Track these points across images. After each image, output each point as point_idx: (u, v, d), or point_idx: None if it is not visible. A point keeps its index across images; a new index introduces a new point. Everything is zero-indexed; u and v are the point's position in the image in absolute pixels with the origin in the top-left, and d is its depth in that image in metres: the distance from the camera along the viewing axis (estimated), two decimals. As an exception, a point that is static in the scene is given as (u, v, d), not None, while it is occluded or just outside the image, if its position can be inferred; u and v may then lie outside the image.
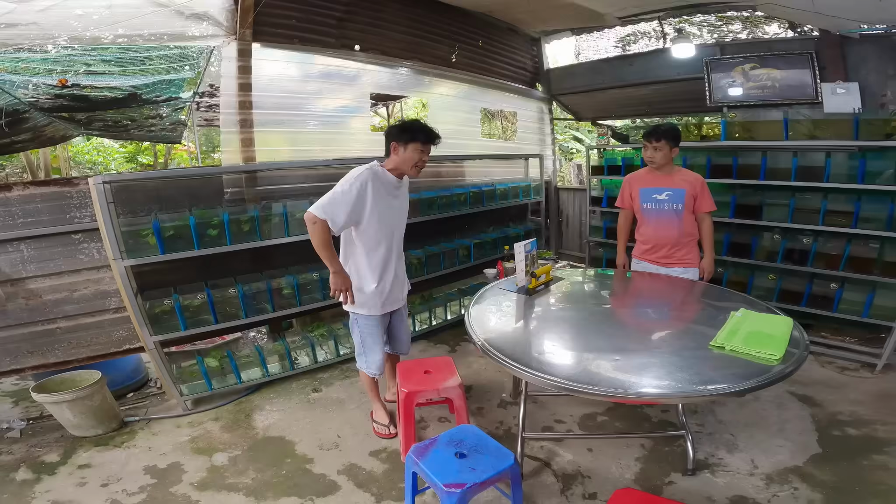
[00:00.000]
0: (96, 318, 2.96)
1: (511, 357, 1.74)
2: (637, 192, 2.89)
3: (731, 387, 1.52)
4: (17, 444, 2.64)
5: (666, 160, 2.74)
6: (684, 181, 2.75)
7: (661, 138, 2.70)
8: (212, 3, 2.75)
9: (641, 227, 2.94)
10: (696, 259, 2.84)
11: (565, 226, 5.92)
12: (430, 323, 3.89)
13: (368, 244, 2.32)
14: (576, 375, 1.60)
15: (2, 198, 2.65)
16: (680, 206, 2.74)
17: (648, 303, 2.50)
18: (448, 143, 4.59)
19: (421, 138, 2.25)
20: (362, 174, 2.20)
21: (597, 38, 5.24)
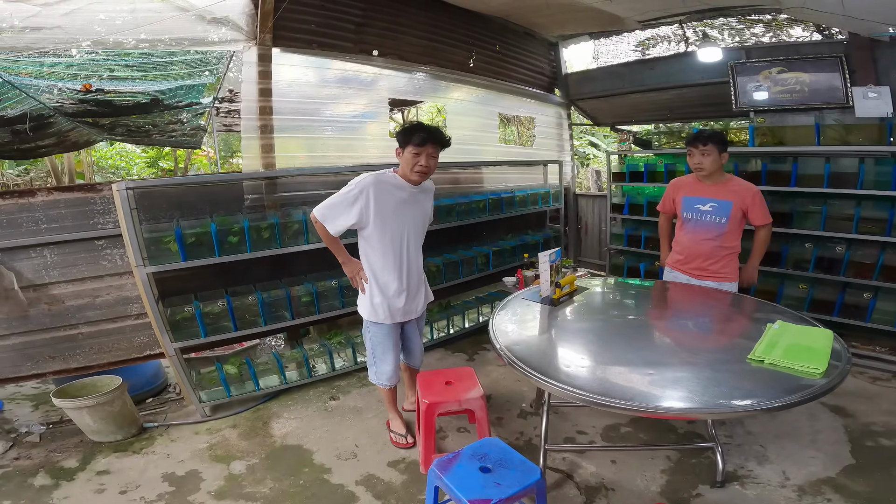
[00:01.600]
0: (118, 324, 2.97)
1: (539, 370, 1.68)
2: (680, 199, 2.73)
3: (774, 402, 1.45)
4: (36, 448, 2.65)
5: (715, 166, 2.55)
6: (733, 192, 2.55)
7: (708, 142, 2.50)
8: (232, 8, 2.77)
9: (678, 234, 2.81)
10: (733, 273, 2.66)
11: (584, 233, 5.84)
12: (448, 331, 3.84)
13: (374, 251, 2.29)
14: (608, 390, 1.54)
15: (25, 203, 2.68)
16: (724, 220, 2.56)
17: (679, 314, 2.40)
18: (465, 149, 4.63)
19: (415, 140, 2.14)
20: (364, 180, 2.18)
21: (616, 43, 5.17)
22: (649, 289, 2.74)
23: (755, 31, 4.86)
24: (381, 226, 2.23)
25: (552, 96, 5.44)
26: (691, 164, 2.63)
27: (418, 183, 2.28)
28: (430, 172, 2.27)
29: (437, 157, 2.27)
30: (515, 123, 6.74)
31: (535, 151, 5.52)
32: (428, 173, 2.25)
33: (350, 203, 2.16)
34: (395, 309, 2.37)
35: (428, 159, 2.20)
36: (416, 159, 2.17)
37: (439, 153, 2.26)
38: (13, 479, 2.36)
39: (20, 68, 3.83)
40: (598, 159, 8.63)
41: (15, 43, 2.40)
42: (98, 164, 10.28)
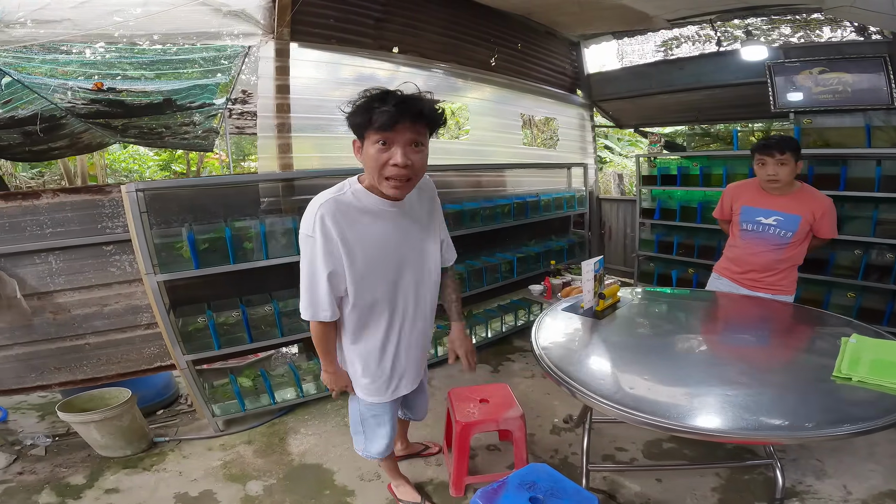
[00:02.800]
0: (127, 335, 2.82)
1: (599, 393, 1.49)
2: (739, 208, 2.46)
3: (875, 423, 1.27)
4: (41, 462, 2.50)
5: (791, 177, 2.25)
6: (804, 205, 2.26)
7: (786, 150, 2.17)
8: (249, 1, 2.62)
9: (733, 240, 2.54)
10: (791, 286, 2.42)
11: (608, 238, 5.63)
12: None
13: (354, 305, 1.52)
14: (683, 415, 1.35)
15: (30, 206, 2.53)
16: (788, 235, 2.30)
17: (740, 328, 2.17)
18: (488, 151, 4.46)
19: (378, 121, 1.26)
20: (314, 220, 1.37)
21: (641, 42, 4.97)
22: (698, 300, 2.52)
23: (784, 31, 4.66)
24: (355, 285, 1.46)
25: (574, 97, 5.27)
26: (762, 174, 2.30)
27: (398, 197, 1.44)
28: (416, 175, 1.38)
29: (426, 146, 1.37)
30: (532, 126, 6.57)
31: (558, 154, 5.34)
32: (410, 178, 1.36)
33: (320, 266, 1.40)
34: (398, 382, 1.70)
35: (406, 152, 1.31)
36: (385, 154, 1.31)
37: (428, 137, 1.37)
38: (17, 496, 2.22)
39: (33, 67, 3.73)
40: (614, 163, 8.42)
41: (22, 36, 2.27)
42: (111, 167, 10.25)
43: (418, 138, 1.33)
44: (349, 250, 1.41)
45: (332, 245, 1.39)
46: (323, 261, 1.39)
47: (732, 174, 3.85)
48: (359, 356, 1.62)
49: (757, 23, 4.20)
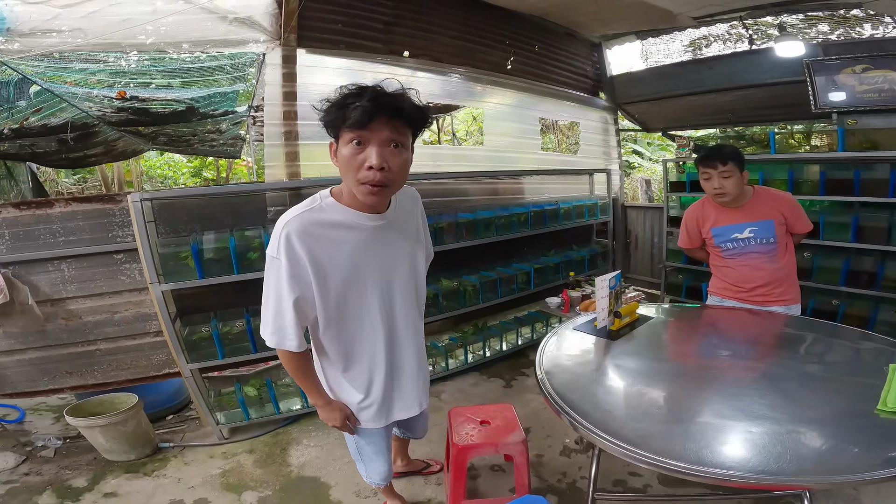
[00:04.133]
0: (136, 341, 2.84)
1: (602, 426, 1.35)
2: (708, 232, 2.33)
3: None
4: (48, 463, 2.54)
5: (738, 189, 2.15)
6: (769, 209, 2.19)
7: (728, 160, 2.11)
8: (255, 8, 2.61)
9: (721, 265, 2.39)
10: (797, 293, 2.32)
11: (634, 248, 5.40)
12: (485, 354, 3.53)
13: (339, 331, 1.40)
14: (704, 456, 1.19)
15: (43, 214, 2.58)
16: (772, 239, 2.20)
17: (770, 350, 1.95)
18: (505, 157, 4.33)
19: (352, 118, 1.13)
20: (279, 239, 1.24)
21: (667, 42, 4.74)
22: (724, 318, 2.31)
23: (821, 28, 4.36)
24: (336, 305, 1.34)
25: (597, 100, 5.08)
26: (708, 189, 2.21)
27: (374, 205, 1.29)
28: (398, 180, 1.25)
29: (409, 147, 1.24)
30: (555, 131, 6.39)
31: (579, 159, 5.16)
32: (391, 184, 1.23)
33: (284, 290, 1.26)
34: (391, 407, 1.56)
35: (383, 153, 1.17)
36: (360, 156, 1.18)
37: (410, 136, 1.24)
38: (18, 497, 2.25)
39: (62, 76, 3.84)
40: (643, 168, 8.10)
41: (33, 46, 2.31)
42: (147, 174, 10.61)
43: (397, 138, 1.18)
44: (321, 274, 1.27)
45: (298, 269, 1.25)
46: (288, 286, 1.25)
47: (770, 180, 3.60)
48: (350, 383, 1.49)
49: (791, 20, 3.93)
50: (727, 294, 2.40)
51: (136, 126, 5.48)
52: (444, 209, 3.54)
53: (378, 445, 1.64)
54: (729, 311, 2.34)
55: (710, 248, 2.42)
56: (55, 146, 5.70)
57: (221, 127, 5.82)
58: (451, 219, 3.31)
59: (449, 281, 3.42)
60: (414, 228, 1.49)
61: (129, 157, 8.09)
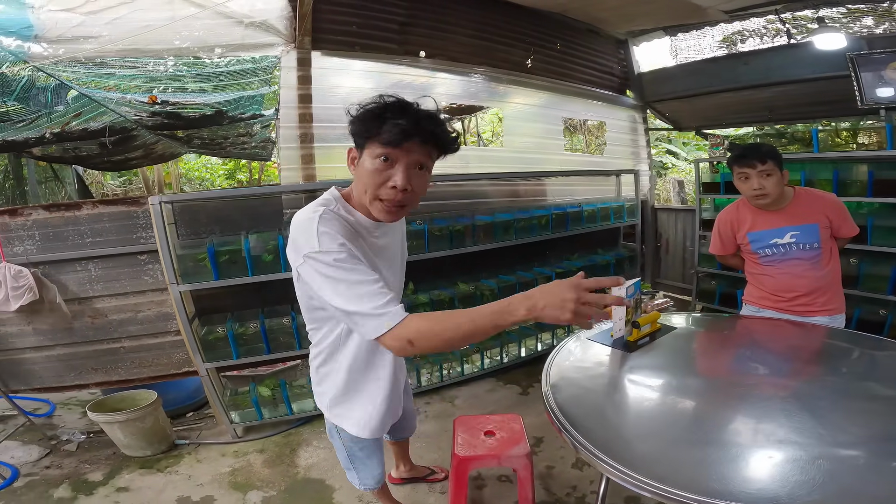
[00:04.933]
0: (158, 340, 2.92)
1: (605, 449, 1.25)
2: (744, 237, 2.17)
3: None
4: (69, 457, 2.64)
5: (779, 189, 2.01)
6: (811, 211, 2.03)
7: (767, 159, 1.96)
8: (270, 11, 2.63)
9: (760, 276, 2.22)
10: (842, 303, 2.14)
11: (665, 252, 5.19)
12: (501, 360, 3.46)
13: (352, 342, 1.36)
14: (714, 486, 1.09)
15: (72, 216, 2.68)
16: (815, 245, 2.03)
17: (805, 367, 1.77)
18: (526, 158, 4.24)
19: (386, 133, 1.11)
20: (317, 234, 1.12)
21: (697, 37, 4.52)
22: (758, 329, 2.13)
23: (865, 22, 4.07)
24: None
25: (624, 98, 4.90)
26: (746, 190, 2.04)
27: (386, 221, 1.26)
28: (415, 202, 1.24)
29: (430, 169, 1.23)
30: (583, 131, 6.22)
31: (606, 160, 5.00)
32: (408, 205, 1.22)
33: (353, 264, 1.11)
34: (388, 418, 1.52)
35: (410, 174, 1.16)
36: (385, 173, 1.15)
37: (435, 159, 1.23)
38: (35, 489, 2.34)
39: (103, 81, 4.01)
40: (678, 168, 7.79)
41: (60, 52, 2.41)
42: (186, 176, 11.00)
43: (425, 161, 1.18)
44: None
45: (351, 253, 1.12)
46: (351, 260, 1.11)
47: (813, 180, 3.38)
48: (360, 391, 1.45)
49: (832, 13, 3.68)
50: (765, 304, 2.22)
51: (170, 130, 5.67)
52: (462, 211, 3.49)
53: (370, 449, 1.61)
54: (764, 322, 2.16)
55: (746, 255, 2.25)
56: (97, 149, 5.96)
57: (252, 130, 5.96)
58: (467, 221, 3.25)
59: (466, 285, 3.37)
60: (399, 236, 1.50)
61: (168, 159, 8.40)
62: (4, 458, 2.55)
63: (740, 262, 2.35)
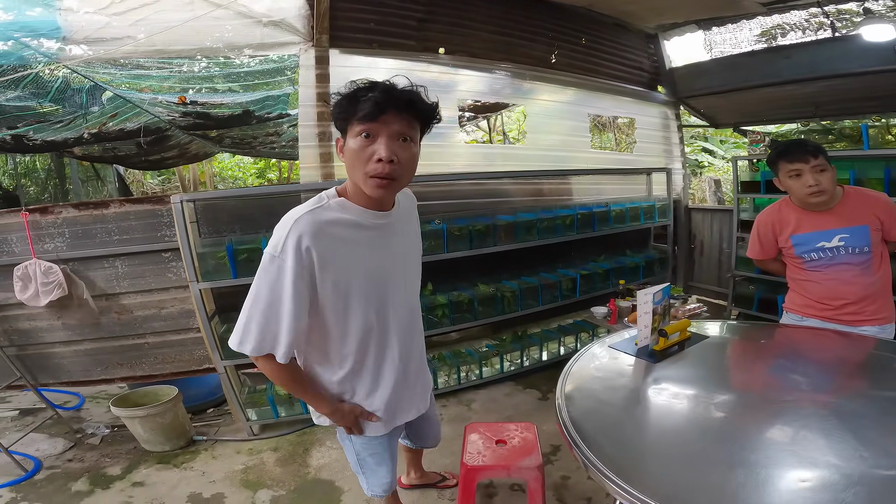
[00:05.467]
0: (181, 336, 2.97)
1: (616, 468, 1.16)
2: (787, 241, 2.02)
3: None
4: (92, 451, 2.71)
5: (834, 186, 1.87)
6: (864, 213, 1.88)
7: (819, 154, 1.83)
8: (288, 10, 2.63)
9: (804, 283, 2.06)
10: (893, 312, 1.96)
11: (699, 254, 4.96)
12: (522, 364, 3.36)
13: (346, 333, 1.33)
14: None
15: (99, 215, 2.75)
16: (865, 248, 1.88)
17: (849, 382, 1.59)
18: (551, 156, 4.11)
19: (362, 110, 1.12)
20: (284, 239, 1.16)
21: (733, 31, 4.28)
22: (799, 339, 1.95)
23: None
24: (345, 307, 1.28)
25: (655, 94, 4.71)
26: (799, 188, 1.89)
27: (386, 200, 1.28)
28: (406, 175, 1.22)
29: (417, 142, 1.22)
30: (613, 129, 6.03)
31: (636, 158, 4.81)
32: (399, 178, 1.20)
33: (285, 291, 1.17)
34: (395, 410, 1.47)
35: (392, 146, 1.15)
36: (369, 148, 1.15)
37: (419, 131, 1.22)
38: (55, 482, 2.40)
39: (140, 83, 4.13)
40: (714, 167, 7.45)
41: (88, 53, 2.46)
42: (220, 175, 11.30)
43: (407, 132, 1.17)
44: (329, 273, 1.21)
45: (304, 271, 1.17)
46: (292, 286, 1.16)
47: (862, 179, 3.15)
48: (358, 387, 1.40)
49: (878, 5, 3.41)
50: (809, 312, 2.06)
51: (201, 130, 5.81)
52: (483, 211, 3.41)
53: (381, 456, 1.55)
54: (807, 331, 2.00)
55: (789, 259, 2.08)
56: (135, 149, 6.16)
57: (280, 129, 6.05)
58: (488, 221, 3.18)
59: (486, 286, 3.29)
60: (413, 229, 1.47)
61: (202, 158, 8.63)
62: (30, 451, 2.64)
63: (781, 266, 2.18)
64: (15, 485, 2.35)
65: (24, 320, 2.79)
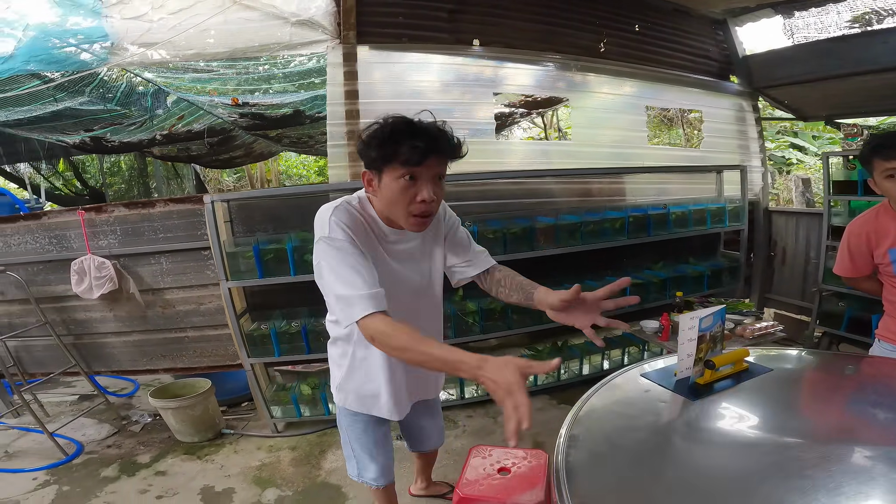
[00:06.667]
0: (217, 332, 3.06)
1: None
2: (885, 255, 1.70)
3: None
4: (131, 438, 2.87)
5: None
6: None
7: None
8: (315, 8, 2.60)
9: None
10: None
11: (780, 263, 4.39)
12: (558, 377, 3.13)
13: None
14: None
15: (147, 214, 2.89)
16: None
17: None
18: (600, 153, 3.78)
19: (403, 154, 1.17)
20: (329, 223, 1.24)
21: (817, 15, 3.70)
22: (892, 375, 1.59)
23: None
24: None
25: (727, 84, 4.20)
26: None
27: (417, 230, 1.32)
28: (438, 208, 1.34)
29: (445, 176, 1.29)
30: (682, 123, 5.49)
31: (703, 154, 4.34)
32: (433, 212, 1.28)
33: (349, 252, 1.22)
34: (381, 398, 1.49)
35: (432, 186, 1.23)
36: (412, 190, 1.22)
37: (447, 168, 1.28)
38: (89, 467, 2.55)
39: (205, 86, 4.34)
40: (805, 165, 6.58)
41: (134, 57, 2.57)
42: (286, 173, 11.83)
43: (443, 172, 1.27)
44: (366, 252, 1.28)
45: (351, 239, 1.24)
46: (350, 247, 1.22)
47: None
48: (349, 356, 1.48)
49: None
50: None
51: (260, 130, 6.05)
52: (521, 212, 3.21)
53: (364, 443, 1.61)
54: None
55: (886, 278, 1.74)
56: (206, 149, 6.56)
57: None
58: (526, 223, 2.97)
59: (522, 293, 3.09)
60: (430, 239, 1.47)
61: (267, 157, 9.07)
62: (76, 435, 2.83)
63: (877, 286, 1.82)
64: (52, 468, 2.53)
65: (80, 311, 3.02)
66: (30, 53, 2.74)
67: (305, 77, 3.98)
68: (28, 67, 2.90)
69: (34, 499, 2.31)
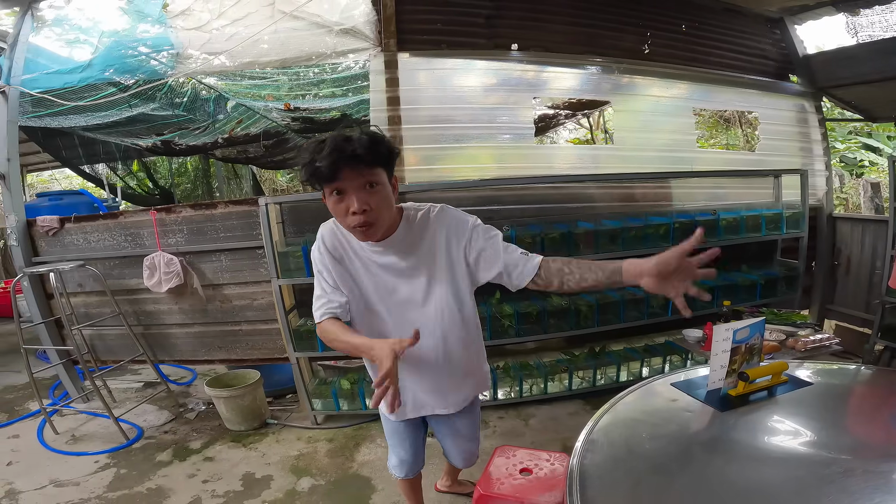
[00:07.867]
0: (268, 326, 3.26)
1: None
2: None
3: None
4: (185, 425, 3.10)
5: None
6: None
7: None
8: (357, 17, 2.73)
9: None
10: None
11: (843, 272, 4.11)
12: (594, 382, 3.10)
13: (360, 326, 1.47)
14: None
15: (209, 214, 3.14)
16: None
17: None
18: (645, 157, 3.69)
19: (319, 173, 1.19)
20: (317, 239, 1.45)
21: (882, 12, 3.43)
22: None
23: None
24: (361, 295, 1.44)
25: (786, 84, 3.97)
26: None
27: (367, 240, 1.34)
28: (383, 215, 1.28)
29: (385, 182, 1.26)
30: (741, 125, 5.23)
31: (760, 158, 4.12)
32: (376, 220, 1.26)
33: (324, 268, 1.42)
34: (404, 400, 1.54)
35: (361, 197, 1.21)
36: (343, 204, 1.23)
37: (383, 173, 1.26)
38: (146, 451, 2.77)
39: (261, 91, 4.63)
40: (878, 167, 6.07)
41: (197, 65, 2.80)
42: (338, 175, 12.20)
43: (371, 179, 1.23)
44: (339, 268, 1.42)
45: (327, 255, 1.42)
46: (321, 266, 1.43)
47: None
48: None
49: None
50: None
51: (312, 133, 6.33)
52: (561, 217, 3.20)
53: (395, 438, 1.75)
54: None
55: None
56: (261, 151, 6.93)
57: (380, 132, 6.40)
58: (564, 229, 2.97)
59: (560, 298, 3.09)
60: (428, 247, 1.42)
61: (318, 159, 9.42)
62: (138, 421, 3.10)
63: None
64: (114, 451, 2.76)
65: (149, 303, 3.31)
66: (106, 62, 3.02)
67: (352, 82, 4.15)
68: (105, 75, 3.20)
69: (94, 480, 2.48)
